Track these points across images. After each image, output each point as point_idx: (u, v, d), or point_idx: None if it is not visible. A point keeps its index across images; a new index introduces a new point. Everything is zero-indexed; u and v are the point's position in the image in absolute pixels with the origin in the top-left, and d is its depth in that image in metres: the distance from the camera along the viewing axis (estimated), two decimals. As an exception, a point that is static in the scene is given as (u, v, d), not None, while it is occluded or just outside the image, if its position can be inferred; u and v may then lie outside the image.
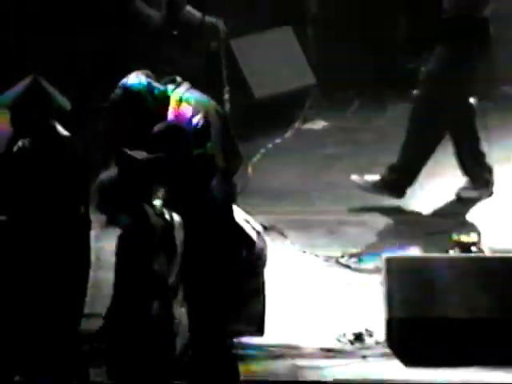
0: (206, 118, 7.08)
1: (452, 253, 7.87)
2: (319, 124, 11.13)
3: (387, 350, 7.29)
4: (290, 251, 8.81)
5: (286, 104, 10.94)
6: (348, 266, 8.45)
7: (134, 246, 6.79)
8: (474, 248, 7.86)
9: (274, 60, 11.09)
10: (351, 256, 8.59)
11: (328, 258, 8.54)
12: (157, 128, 6.79)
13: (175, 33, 10.94)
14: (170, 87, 7.11)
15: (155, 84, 7.18)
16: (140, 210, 6.79)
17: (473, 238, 7.90)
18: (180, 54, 10.71)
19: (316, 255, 8.61)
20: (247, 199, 8.72)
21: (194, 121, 7.00)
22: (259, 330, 7.21)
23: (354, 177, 9.81)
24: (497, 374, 7.11)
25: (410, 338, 7.29)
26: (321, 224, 9.30)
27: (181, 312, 6.95)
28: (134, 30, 11.41)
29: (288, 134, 10.81)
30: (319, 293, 8.02)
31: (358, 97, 11.79)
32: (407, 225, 9.29)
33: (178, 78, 7.19)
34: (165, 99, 7.12)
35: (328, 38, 12.19)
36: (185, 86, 7.13)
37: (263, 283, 7.12)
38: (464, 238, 7.90)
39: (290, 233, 8.93)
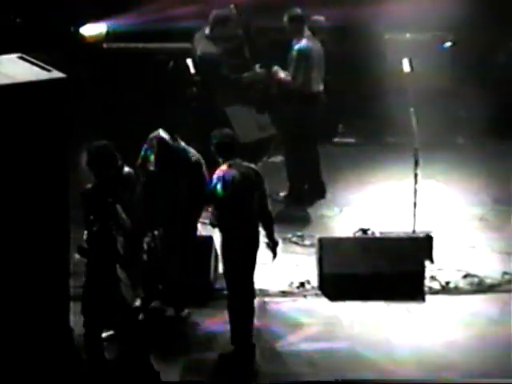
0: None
1: (357, 234, 9.82)
2: (279, 158, 11.59)
3: (319, 292, 9.35)
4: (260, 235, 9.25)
5: (258, 144, 11.06)
6: (296, 243, 10.25)
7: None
8: (369, 231, 9.73)
9: (252, 121, 11.04)
10: (298, 236, 10.34)
11: (284, 238, 10.01)
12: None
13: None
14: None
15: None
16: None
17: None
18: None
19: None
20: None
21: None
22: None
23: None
24: (392, 304, 9.09)
25: (333, 285, 9.31)
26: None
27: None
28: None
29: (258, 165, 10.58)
30: (279, 258, 8.90)
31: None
32: (330, 218, 10.73)
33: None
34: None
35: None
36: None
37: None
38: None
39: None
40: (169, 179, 8.66)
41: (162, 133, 8.63)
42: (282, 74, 10.70)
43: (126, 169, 8.36)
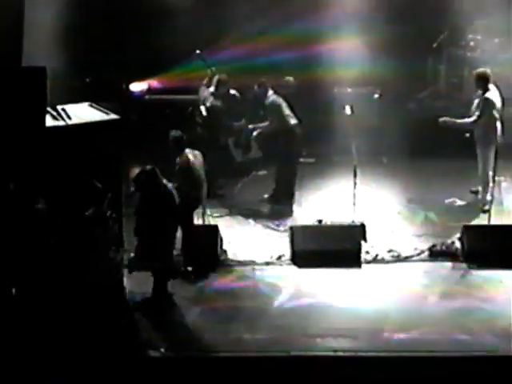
0: None
1: (315, 223, 9.68)
2: (262, 172, 11.27)
3: (291, 262, 9.23)
4: (251, 224, 10.06)
5: (249, 163, 11.00)
6: (275, 229, 10.01)
7: None
8: (323, 221, 9.66)
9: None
10: (276, 225, 10.07)
11: (265, 225, 10.07)
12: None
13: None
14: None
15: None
16: None
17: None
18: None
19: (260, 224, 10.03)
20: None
21: None
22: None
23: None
24: (340, 270, 8.90)
25: (301, 257, 9.21)
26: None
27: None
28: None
29: (249, 178, 11.18)
30: (263, 240, 9.53)
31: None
32: (297, 212, 10.37)
33: None
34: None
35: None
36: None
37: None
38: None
39: (250, 215, 10.25)
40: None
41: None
42: (260, 125, 10.66)
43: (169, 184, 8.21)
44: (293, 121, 10.46)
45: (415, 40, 11.59)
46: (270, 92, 10.50)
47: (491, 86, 9.99)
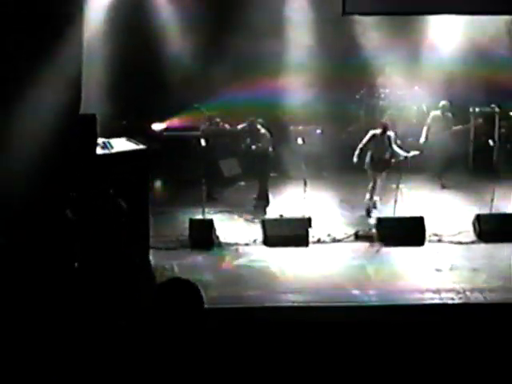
0: None
1: (278, 217, 9.38)
2: (243, 183, 10.95)
3: (262, 244, 9.08)
4: (235, 218, 9.87)
5: (234, 177, 10.71)
6: (252, 221, 9.73)
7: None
8: (283, 216, 9.38)
9: (232, 167, 10.60)
10: (253, 218, 9.80)
11: (245, 218, 9.88)
12: None
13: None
14: None
15: None
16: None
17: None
18: None
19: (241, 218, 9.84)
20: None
21: None
22: None
23: None
24: (299, 248, 8.76)
25: (270, 241, 9.04)
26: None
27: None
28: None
29: (234, 187, 10.80)
30: (243, 229, 9.39)
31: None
32: (267, 210, 10.08)
33: None
34: None
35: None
36: None
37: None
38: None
39: (234, 212, 9.95)
40: None
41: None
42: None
43: None
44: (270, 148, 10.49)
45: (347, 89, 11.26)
46: (259, 126, 10.45)
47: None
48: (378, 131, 9.70)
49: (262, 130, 10.09)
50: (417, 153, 9.79)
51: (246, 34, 9.99)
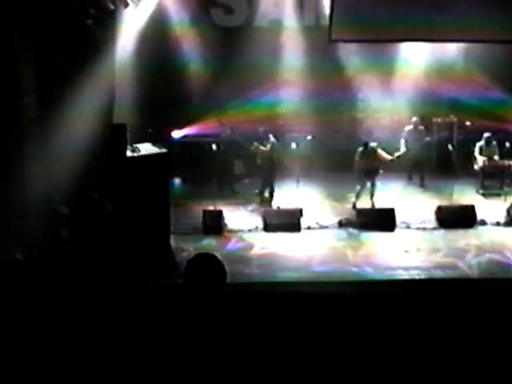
0: None
1: (275, 208, 9.28)
2: (247, 181, 10.52)
3: (263, 230, 8.81)
4: (240, 209, 9.49)
5: (241, 175, 10.40)
6: (253, 211, 9.42)
7: None
8: (280, 207, 9.10)
9: (239, 167, 10.24)
10: (257, 209, 9.45)
11: (248, 209, 9.51)
12: None
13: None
14: None
15: None
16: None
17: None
18: None
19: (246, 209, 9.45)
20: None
21: None
22: None
23: None
24: (291, 234, 8.55)
25: (268, 227, 8.70)
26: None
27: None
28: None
29: (239, 184, 10.32)
30: (247, 217, 9.07)
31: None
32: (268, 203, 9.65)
33: None
34: None
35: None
36: None
37: None
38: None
39: (240, 204, 9.62)
40: None
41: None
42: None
43: None
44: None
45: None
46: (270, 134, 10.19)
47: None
48: (362, 148, 9.37)
49: (272, 138, 9.74)
50: (401, 153, 9.68)
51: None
